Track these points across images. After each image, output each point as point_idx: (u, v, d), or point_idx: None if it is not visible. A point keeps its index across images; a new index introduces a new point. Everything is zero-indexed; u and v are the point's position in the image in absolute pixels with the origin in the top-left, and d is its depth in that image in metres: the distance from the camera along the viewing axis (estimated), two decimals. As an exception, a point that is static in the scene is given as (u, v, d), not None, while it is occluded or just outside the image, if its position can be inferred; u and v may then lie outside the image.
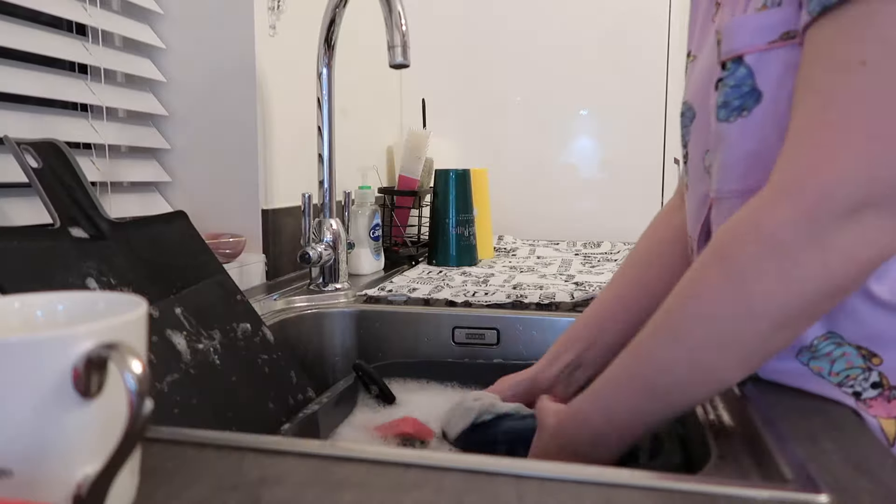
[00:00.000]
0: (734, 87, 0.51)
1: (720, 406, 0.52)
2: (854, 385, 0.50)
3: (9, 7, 0.76)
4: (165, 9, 1.02)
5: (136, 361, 0.28)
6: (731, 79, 0.51)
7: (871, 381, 0.49)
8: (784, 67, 0.48)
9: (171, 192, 1.05)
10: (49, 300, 0.37)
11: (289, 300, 0.94)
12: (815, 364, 0.51)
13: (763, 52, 0.49)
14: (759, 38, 0.49)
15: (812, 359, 0.51)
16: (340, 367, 0.93)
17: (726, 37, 0.51)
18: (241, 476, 0.37)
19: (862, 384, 0.49)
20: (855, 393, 0.50)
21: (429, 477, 0.37)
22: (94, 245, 0.59)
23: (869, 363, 0.49)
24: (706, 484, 0.37)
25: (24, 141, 0.59)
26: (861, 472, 0.38)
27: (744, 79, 0.50)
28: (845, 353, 0.50)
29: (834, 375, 0.50)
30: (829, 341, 0.50)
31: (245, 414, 0.62)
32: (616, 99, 1.68)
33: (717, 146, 0.53)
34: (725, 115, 0.51)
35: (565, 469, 0.38)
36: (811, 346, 0.51)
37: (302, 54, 1.11)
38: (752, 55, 0.49)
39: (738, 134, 0.51)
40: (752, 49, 0.49)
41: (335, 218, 1.00)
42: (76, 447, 0.30)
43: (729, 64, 0.51)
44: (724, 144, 0.52)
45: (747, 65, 0.50)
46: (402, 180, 1.43)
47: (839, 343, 0.50)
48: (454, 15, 1.73)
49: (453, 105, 1.74)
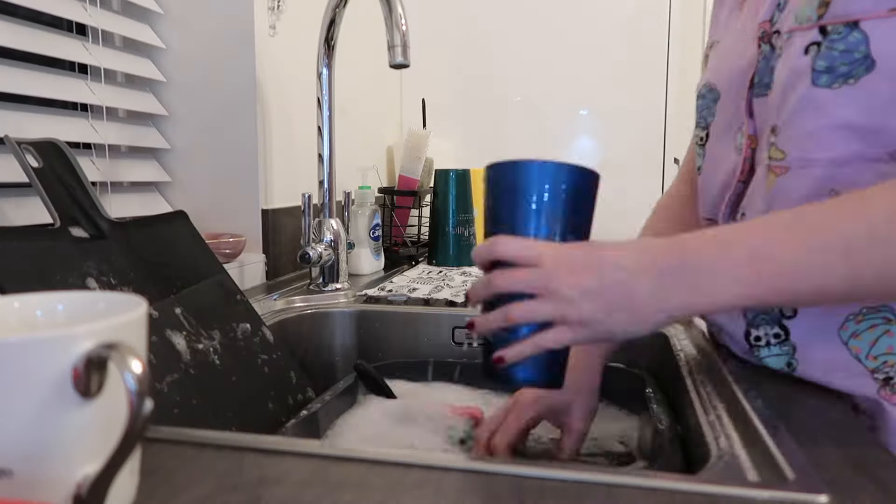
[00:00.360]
0: (844, 52, 0.48)
1: (720, 406, 0.52)
2: (889, 371, 0.49)
3: (9, 7, 0.76)
4: (165, 9, 1.02)
5: (136, 361, 0.28)
6: (840, 43, 0.48)
7: None
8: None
9: (171, 192, 1.05)
10: (49, 300, 0.37)
11: (289, 300, 0.94)
12: (854, 344, 0.50)
13: (883, 18, 0.47)
14: (881, 3, 0.47)
15: (853, 336, 0.50)
16: (340, 367, 0.93)
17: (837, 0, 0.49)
18: (241, 476, 0.37)
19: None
20: (886, 379, 0.49)
21: (429, 477, 0.37)
22: (94, 245, 0.59)
23: None
24: (706, 484, 0.37)
25: (25, 140, 0.59)
26: (861, 472, 0.38)
27: (857, 45, 0.48)
28: (888, 332, 0.49)
29: (871, 359, 0.50)
30: (879, 314, 0.49)
31: (245, 414, 0.62)
32: (616, 99, 1.68)
33: (805, 113, 0.51)
34: (828, 80, 0.49)
35: (565, 469, 0.38)
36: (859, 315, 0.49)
37: (302, 54, 1.11)
38: (871, 21, 0.47)
39: (840, 102, 0.49)
40: (873, 14, 0.47)
41: (335, 218, 1.00)
42: (76, 447, 0.30)
43: (838, 27, 0.48)
44: (817, 111, 0.50)
45: (863, 30, 0.47)
46: (402, 180, 1.43)
47: (888, 319, 0.49)
48: (454, 15, 1.73)
49: (453, 105, 1.74)
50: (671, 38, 1.64)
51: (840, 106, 0.49)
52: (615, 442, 0.68)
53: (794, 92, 0.52)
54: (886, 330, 0.49)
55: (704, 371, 0.60)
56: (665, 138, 1.66)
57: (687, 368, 0.62)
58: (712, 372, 0.60)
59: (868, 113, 0.48)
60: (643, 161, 1.67)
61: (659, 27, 1.64)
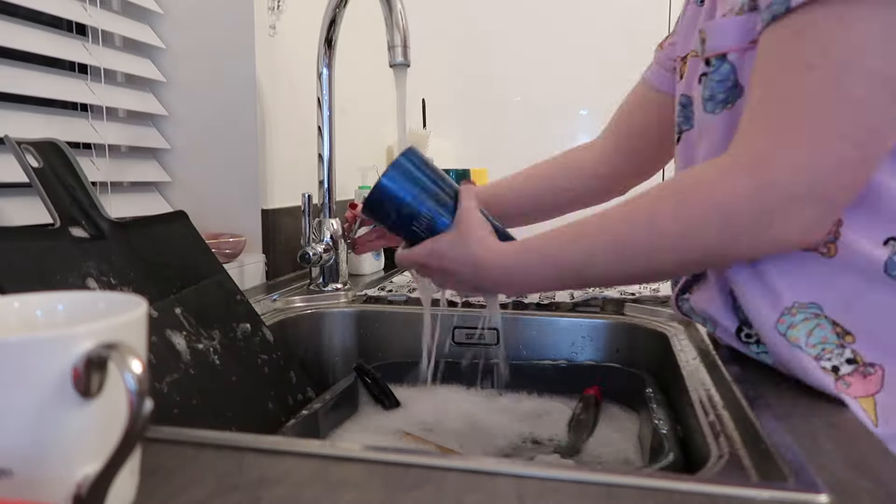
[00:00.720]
0: (720, 82, 0.55)
1: (720, 406, 0.52)
2: (831, 358, 0.51)
3: (9, 7, 0.76)
4: (165, 9, 1.02)
5: (136, 361, 0.28)
6: (716, 74, 0.56)
7: (845, 357, 0.51)
8: None
9: (171, 192, 1.05)
10: (49, 300, 0.37)
11: (289, 300, 0.94)
12: (793, 334, 0.53)
13: (744, 50, 0.53)
14: (741, 38, 0.53)
15: (790, 328, 0.53)
16: (340, 367, 0.93)
17: (711, 36, 0.56)
18: (241, 476, 0.37)
19: (838, 358, 0.51)
20: (833, 368, 0.51)
21: (429, 477, 0.37)
22: (94, 245, 0.59)
23: (842, 340, 0.51)
24: (706, 484, 0.37)
25: (25, 140, 0.59)
26: (861, 472, 0.38)
27: (728, 74, 0.55)
28: (820, 325, 0.52)
29: (811, 347, 0.52)
30: (808, 310, 0.53)
31: (245, 414, 0.62)
32: (616, 99, 1.68)
33: (703, 135, 0.58)
34: (712, 107, 0.56)
35: (565, 469, 0.38)
36: (791, 309, 0.53)
37: (302, 54, 1.11)
38: (735, 53, 0.54)
39: (723, 124, 0.55)
40: (736, 48, 0.54)
41: (335, 218, 1.00)
42: (76, 447, 0.30)
43: (714, 60, 0.56)
44: (709, 133, 0.57)
45: (730, 62, 0.55)
46: (402, 180, 1.42)
47: (817, 314, 0.52)
48: (454, 15, 1.73)
49: (453, 105, 1.74)
50: (671, 38, 1.63)
51: (726, 127, 0.55)
52: (615, 442, 0.68)
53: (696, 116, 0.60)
54: (818, 323, 0.52)
55: (704, 371, 0.60)
56: (665, 138, 1.66)
57: (687, 368, 0.62)
58: (712, 372, 0.60)
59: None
60: (643, 161, 1.67)
61: (659, 27, 1.63)
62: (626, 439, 0.68)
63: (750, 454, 0.44)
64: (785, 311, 0.53)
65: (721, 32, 0.55)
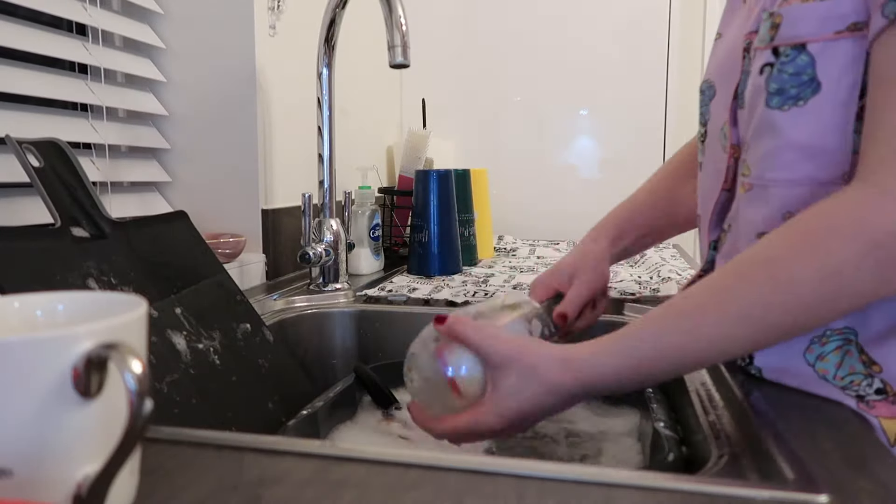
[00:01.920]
0: (793, 75, 0.49)
1: (720, 406, 0.53)
2: (859, 389, 0.50)
3: (9, 7, 0.76)
4: (165, 9, 1.02)
5: (136, 361, 0.28)
6: (789, 66, 0.49)
7: (874, 388, 0.49)
8: (848, 59, 0.47)
9: (171, 192, 1.05)
10: (49, 300, 0.37)
11: (289, 300, 0.94)
12: (822, 366, 0.51)
13: (829, 41, 0.47)
14: (827, 26, 0.47)
15: (819, 359, 0.51)
16: (340, 367, 0.93)
17: (789, 22, 0.49)
18: (241, 476, 0.37)
19: (866, 389, 0.49)
20: (858, 396, 0.50)
21: (429, 477, 0.37)
22: (94, 245, 0.59)
23: (870, 370, 0.49)
24: (706, 484, 0.37)
25: (26, 140, 0.59)
26: (861, 472, 0.38)
27: (804, 67, 0.48)
28: (848, 353, 0.50)
29: (839, 379, 0.50)
30: (840, 337, 0.50)
31: (245, 414, 0.62)
32: (616, 99, 1.68)
33: (763, 133, 0.52)
34: (779, 102, 0.50)
35: (565, 469, 0.38)
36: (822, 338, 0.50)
37: (302, 54, 1.11)
38: (817, 44, 0.48)
39: (790, 123, 0.50)
40: (819, 38, 0.47)
41: (335, 218, 1.00)
42: (76, 447, 0.30)
43: (787, 50, 0.49)
44: (772, 132, 0.51)
45: (810, 53, 0.48)
46: (402, 180, 1.42)
47: (848, 340, 0.50)
48: (454, 15, 1.73)
49: (453, 105, 1.74)
50: (671, 37, 1.64)
51: (790, 127, 0.50)
52: (615, 441, 0.68)
53: (756, 111, 0.53)
54: (847, 350, 0.50)
55: (704, 371, 0.60)
56: (665, 138, 1.66)
57: (687, 368, 0.62)
58: (712, 372, 0.60)
59: (817, 135, 0.49)
60: (643, 161, 1.66)
61: (659, 27, 1.64)
62: (626, 439, 0.68)
63: (750, 454, 0.44)
64: (815, 340, 0.51)
65: (801, 18, 0.48)
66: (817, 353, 0.51)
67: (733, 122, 0.57)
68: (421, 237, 1.16)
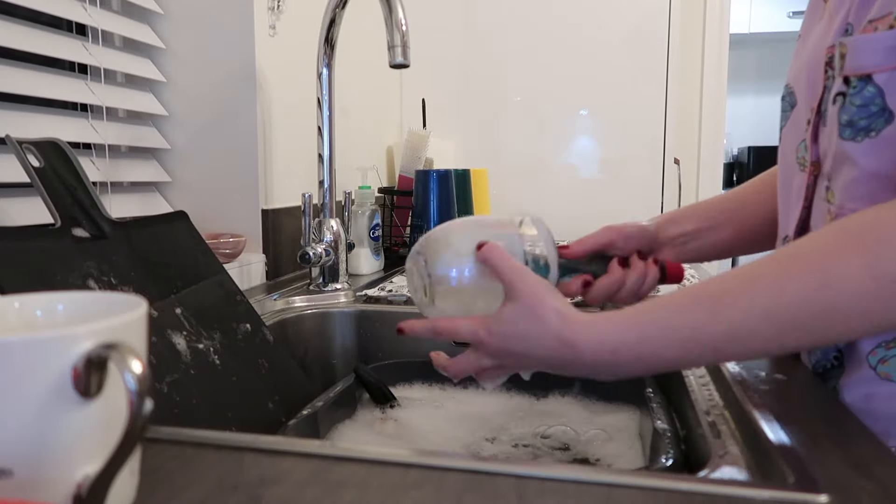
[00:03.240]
0: (861, 107, 0.48)
1: (720, 406, 0.53)
2: None
3: (9, 7, 0.76)
4: (165, 9, 1.02)
5: (136, 361, 0.28)
6: (857, 97, 0.49)
7: None
8: None
9: (171, 192, 1.05)
10: (49, 300, 0.37)
11: (289, 300, 0.94)
12: (883, 369, 0.50)
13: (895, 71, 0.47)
14: (891, 57, 0.46)
15: (881, 362, 0.50)
16: (340, 366, 0.93)
17: (853, 52, 0.49)
18: (241, 476, 0.37)
19: None
20: None
21: (429, 477, 0.37)
22: (94, 245, 0.59)
23: None
24: (706, 484, 0.37)
25: (26, 140, 0.59)
26: (861, 472, 0.38)
27: (872, 98, 0.48)
28: None
29: None
30: None
31: (245, 414, 0.62)
32: (616, 99, 1.68)
33: (842, 162, 0.51)
34: (851, 134, 0.49)
35: (565, 469, 0.38)
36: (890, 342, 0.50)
37: (302, 54, 1.11)
38: (884, 74, 0.47)
39: (864, 154, 0.49)
40: (885, 67, 0.47)
41: (335, 218, 1.00)
42: (76, 447, 0.30)
43: (854, 80, 0.49)
44: (849, 162, 0.50)
45: (877, 84, 0.48)
46: (402, 180, 1.42)
47: None
48: (454, 15, 1.73)
49: (453, 105, 1.74)
50: (671, 38, 1.64)
51: (864, 157, 0.49)
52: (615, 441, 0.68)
53: (833, 137, 0.52)
54: None
55: (704, 371, 0.60)
56: (665, 138, 1.66)
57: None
58: (712, 372, 0.60)
59: (893, 164, 0.48)
60: (643, 161, 1.67)
61: (659, 27, 1.64)
62: (626, 439, 0.68)
63: (750, 454, 0.44)
64: (882, 344, 0.50)
65: (867, 50, 0.48)
66: (880, 357, 0.50)
67: (814, 138, 0.56)
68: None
